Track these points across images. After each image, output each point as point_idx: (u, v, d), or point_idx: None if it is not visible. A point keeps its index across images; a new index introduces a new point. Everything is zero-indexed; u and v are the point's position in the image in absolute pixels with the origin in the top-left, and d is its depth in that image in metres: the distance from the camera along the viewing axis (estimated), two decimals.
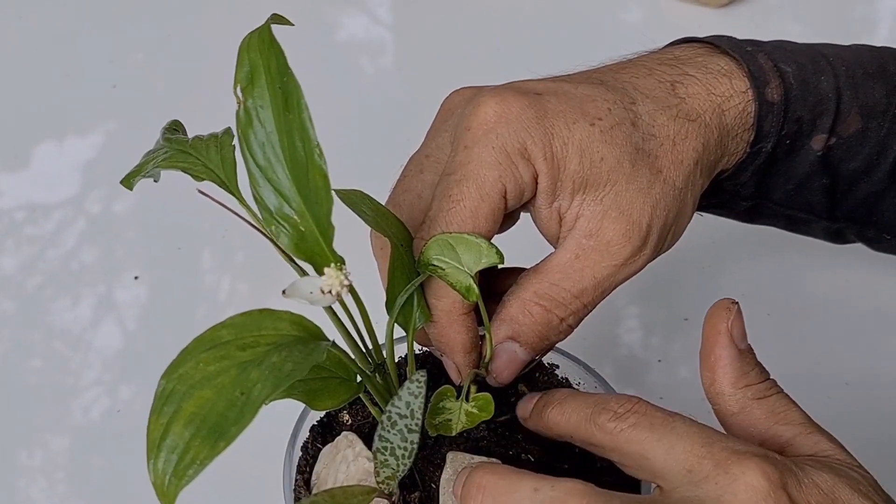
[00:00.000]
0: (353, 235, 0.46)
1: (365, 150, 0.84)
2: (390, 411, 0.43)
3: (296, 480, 0.48)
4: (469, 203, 0.47)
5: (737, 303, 0.47)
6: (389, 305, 0.46)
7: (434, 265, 0.46)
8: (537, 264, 0.49)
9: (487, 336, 0.48)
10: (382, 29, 1.02)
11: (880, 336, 0.71)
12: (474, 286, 0.45)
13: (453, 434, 0.46)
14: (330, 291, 0.41)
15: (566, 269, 0.48)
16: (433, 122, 0.53)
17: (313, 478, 0.48)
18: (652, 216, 0.48)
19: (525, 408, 0.48)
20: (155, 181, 0.48)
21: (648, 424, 0.43)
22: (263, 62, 0.42)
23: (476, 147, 0.48)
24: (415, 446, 0.43)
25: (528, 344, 0.48)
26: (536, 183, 0.48)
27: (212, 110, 0.49)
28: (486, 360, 0.48)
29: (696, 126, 0.50)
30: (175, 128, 0.48)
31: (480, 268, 0.45)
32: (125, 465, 0.65)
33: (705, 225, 0.62)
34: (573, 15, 0.99)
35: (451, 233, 0.46)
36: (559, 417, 0.46)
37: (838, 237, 0.62)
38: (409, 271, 0.47)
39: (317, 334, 0.41)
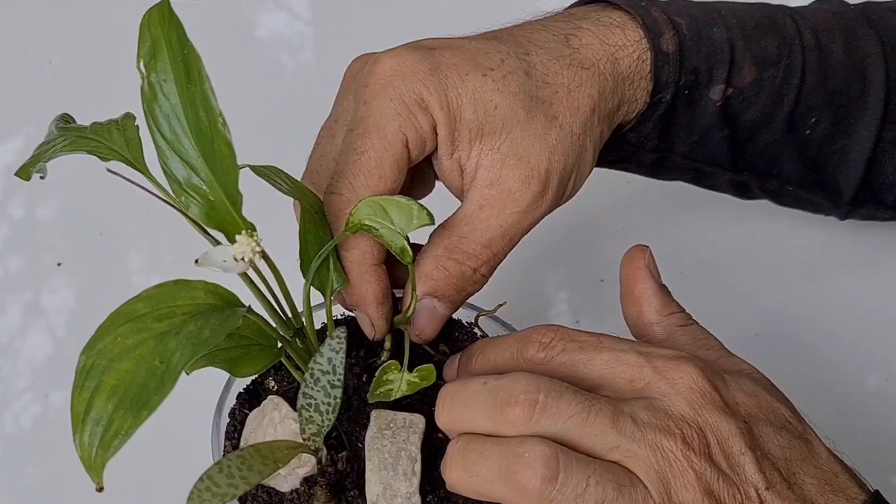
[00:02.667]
0: (264, 203, 0.47)
1: (288, 146, 0.84)
2: (313, 368, 0.44)
3: (224, 447, 0.49)
4: (373, 154, 0.48)
5: (648, 247, 0.50)
6: (304, 269, 0.47)
7: (368, 225, 0.46)
8: (446, 220, 0.50)
9: (413, 295, 0.49)
10: (301, 24, 1.02)
11: (788, 289, 0.74)
12: (408, 247, 0.46)
13: (391, 400, 0.47)
14: (242, 258, 0.42)
15: (472, 220, 0.50)
16: (339, 90, 0.54)
17: (242, 442, 0.49)
18: (550, 161, 0.50)
19: (451, 370, 0.50)
20: (42, 177, 0.47)
21: (577, 347, 0.45)
22: (164, 36, 0.43)
23: (375, 101, 0.49)
24: (338, 401, 0.44)
25: (445, 297, 0.50)
26: (436, 133, 0.49)
27: (131, 107, 0.49)
28: (409, 314, 0.49)
29: (590, 74, 0.52)
30: (67, 120, 0.48)
31: (412, 229, 0.46)
32: (59, 472, 0.64)
33: (618, 189, 0.63)
34: (491, 5, 0.99)
35: (381, 195, 0.47)
36: (485, 365, 0.47)
37: (743, 190, 0.64)
38: (322, 235, 0.47)
39: (233, 301, 0.42)
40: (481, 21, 0.56)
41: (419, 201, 0.55)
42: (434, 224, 0.46)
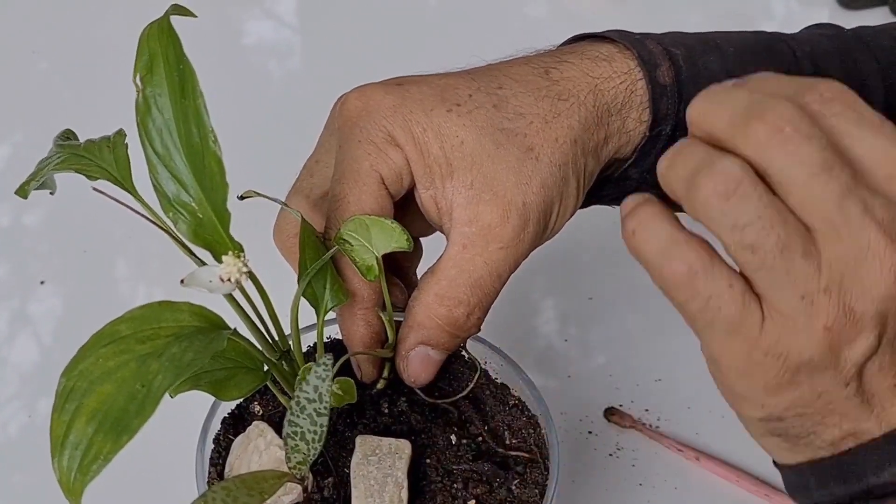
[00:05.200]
0: (252, 223, 0.46)
1: (276, 153, 0.84)
2: (299, 396, 0.43)
3: (209, 473, 0.48)
4: (352, 198, 0.48)
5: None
6: (301, 279, 0.46)
7: (344, 240, 0.46)
8: (433, 264, 0.49)
9: (388, 322, 0.48)
10: (289, 31, 1.02)
11: None
12: (375, 266, 0.45)
13: None
14: (229, 279, 0.41)
15: (458, 262, 0.48)
16: (324, 128, 0.54)
17: (226, 469, 0.48)
18: (527, 193, 0.48)
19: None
20: (51, 193, 0.47)
21: (856, 118, 0.39)
22: (162, 51, 0.43)
23: (345, 144, 0.49)
24: (324, 429, 0.43)
25: (439, 345, 0.49)
26: (411, 167, 0.49)
27: (117, 117, 0.48)
28: (390, 343, 0.48)
29: (568, 104, 0.51)
30: (68, 136, 0.48)
31: (388, 251, 0.46)
32: (47, 481, 0.63)
33: (606, 207, 0.62)
34: (478, 12, 0.99)
35: (369, 215, 0.47)
36: (759, 86, 0.41)
37: None
38: (318, 248, 0.47)
39: (218, 323, 0.41)
40: (466, 22, 0.55)
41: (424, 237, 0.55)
42: (410, 249, 0.46)
